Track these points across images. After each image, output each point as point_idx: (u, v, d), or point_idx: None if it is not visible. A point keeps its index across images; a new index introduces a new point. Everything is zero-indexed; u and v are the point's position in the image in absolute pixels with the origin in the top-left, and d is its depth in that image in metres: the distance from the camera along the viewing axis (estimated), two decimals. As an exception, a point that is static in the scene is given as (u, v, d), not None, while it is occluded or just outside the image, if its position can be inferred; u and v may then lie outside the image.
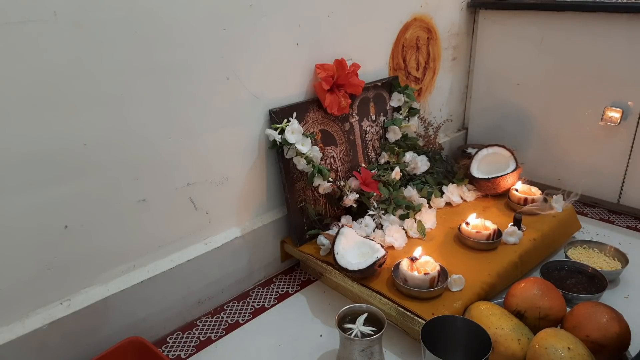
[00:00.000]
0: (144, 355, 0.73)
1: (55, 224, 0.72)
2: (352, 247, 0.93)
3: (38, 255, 0.71)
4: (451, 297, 0.84)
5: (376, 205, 1.05)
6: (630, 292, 0.95)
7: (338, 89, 1.03)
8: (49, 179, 0.69)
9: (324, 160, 1.04)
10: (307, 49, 0.99)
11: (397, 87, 1.20)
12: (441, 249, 0.99)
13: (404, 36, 1.23)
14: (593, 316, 0.73)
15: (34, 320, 0.72)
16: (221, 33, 0.84)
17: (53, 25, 0.64)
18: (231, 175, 0.93)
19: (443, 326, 0.73)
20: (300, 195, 1.01)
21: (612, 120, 1.18)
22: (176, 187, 0.85)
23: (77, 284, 0.77)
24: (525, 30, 1.30)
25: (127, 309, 0.82)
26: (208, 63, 0.83)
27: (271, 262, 1.05)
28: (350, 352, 0.73)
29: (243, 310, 0.95)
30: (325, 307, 0.94)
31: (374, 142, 1.18)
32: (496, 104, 1.44)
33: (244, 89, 0.90)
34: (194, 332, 0.90)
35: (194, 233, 0.91)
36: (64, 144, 0.70)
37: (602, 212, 1.27)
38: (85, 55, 0.68)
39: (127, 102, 0.75)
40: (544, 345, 0.68)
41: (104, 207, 0.76)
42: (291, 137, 0.93)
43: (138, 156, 0.78)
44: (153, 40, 0.75)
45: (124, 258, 0.82)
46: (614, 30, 1.14)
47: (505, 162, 1.18)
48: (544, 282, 0.82)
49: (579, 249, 1.05)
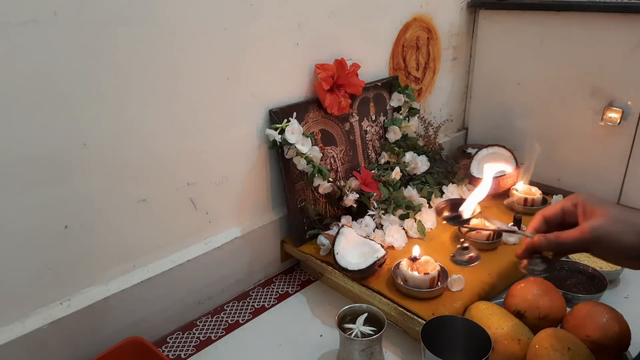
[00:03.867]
0: (144, 355, 0.73)
1: (55, 224, 0.72)
2: (352, 247, 0.93)
3: (38, 255, 0.71)
4: (451, 297, 0.84)
5: (376, 205, 1.05)
6: (630, 292, 0.95)
7: (338, 89, 1.03)
8: (49, 179, 0.69)
9: (324, 160, 1.04)
10: (307, 49, 0.99)
11: (397, 87, 1.19)
12: (441, 249, 0.98)
13: (404, 36, 1.23)
14: (593, 316, 0.73)
15: (34, 320, 0.72)
16: (221, 33, 0.84)
17: (53, 25, 0.64)
18: (231, 175, 0.93)
19: (443, 326, 0.73)
20: (300, 195, 1.01)
21: (612, 120, 1.18)
22: (176, 187, 0.85)
23: (77, 284, 0.77)
24: (525, 30, 1.30)
25: (127, 309, 0.82)
26: (208, 63, 0.83)
27: (271, 262, 1.05)
28: (350, 352, 0.73)
29: (243, 310, 0.95)
30: (325, 307, 0.94)
31: (374, 142, 1.18)
32: (496, 104, 1.44)
33: (243, 89, 0.90)
34: (194, 332, 0.90)
35: (194, 233, 0.91)
36: (64, 144, 0.69)
37: (602, 212, 1.27)
38: (85, 55, 0.68)
39: (127, 102, 0.75)
40: (544, 345, 0.68)
41: (104, 207, 0.76)
42: (291, 137, 0.93)
43: (138, 156, 0.78)
44: (153, 41, 0.75)
45: (124, 258, 0.82)
46: (613, 31, 1.14)
47: (505, 162, 1.18)
48: (544, 282, 0.82)
49: (579, 249, 1.05)
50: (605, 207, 0.54)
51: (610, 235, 0.52)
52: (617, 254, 0.53)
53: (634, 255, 0.52)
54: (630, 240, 0.51)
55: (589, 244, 0.54)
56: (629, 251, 0.51)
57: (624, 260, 0.54)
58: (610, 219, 0.52)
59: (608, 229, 0.52)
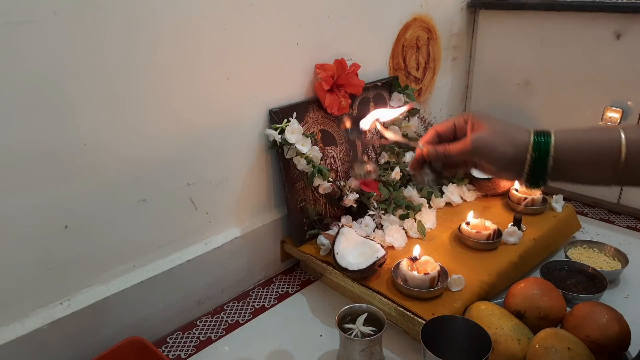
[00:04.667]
0: (144, 355, 0.73)
1: (55, 224, 0.72)
2: (352, 247, 0.93)
3: (38, 255, 0.71)
4: (451, 297, 0.84)
5: (376, 205, 1.05)
6: (630, 292, 0.95)
7: (338, 89, 1.03)
8: (49, 179, 0.69)
9: (324, 160, 1.04)
10: (307, 49, 0.99)
11: (397, 87, 1.19)
12: (441, 249, 0.99)
13: (404, 36, 1.23)
14: (593, 316, 0.73)
15: (34, 320, 0.72)
16: (221, 33, 0.84)
17: (53, 25, 0.64)
18: (231, 175, 0.93)
19: (443, 326, 0.73)
20: (300, 195, 1.01)
21: (612, 120, 1.18)
22: (176, 187, 0.85)
23: (77, 284, 0.77)
24: (525, 30, 1.30)
25: (127, 309, 0.82)
26: (208, 63, 0.83)
27: (271, 262, 1.05)
28: (350, 352, 0.73)
29: (243, 310, 0.95)
30: (325, 307, 0.94)
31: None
32: (496, 104, 1.44)
33: (243, 88, 0.90)
34: (194, 332, 0.90)
35: (194, 233, 0.91)
36: (64, 144, 0.69)
37: (602, 212, 1.27)
38: (85, 55, 0.68)
39: (127, 102, 0.75)
40: (544, 345, 0.68)
41: (104, 207, 0.76)
42: (291, 137, 0.93)
43: (138, 156, 0.78)
44: (153, 40, 0.75)
45: (124, 258, 0.82)
46: (613, 31, 1.14)
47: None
48: (544, 282, 0.82)
49: (579, 249, 1.05)
50: (490, 122, 0.58)
51: (489, 144, 0.56)
52: (494, 161, 0.57)
53: (508, 164, 0.56)
54: (506, 150, 0.55)
55: (471, 154, 0.58)
56: (504, 160, 0.56)
57: (501, 170, 0.58)
58: (491, 130, 0.57)
59: (487, 139, 0.57)
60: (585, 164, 0.55)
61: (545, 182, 0.56)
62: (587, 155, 0.55)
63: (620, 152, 0.53)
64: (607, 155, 0.54)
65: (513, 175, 0.57)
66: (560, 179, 0.56)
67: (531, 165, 0.55)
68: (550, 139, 0.55)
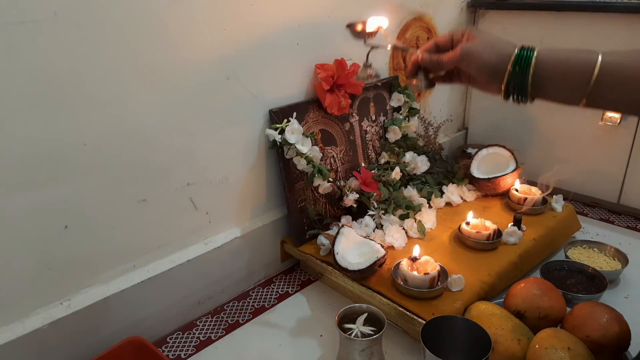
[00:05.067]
0: (144, 355, 0.73)
1: (55, 224, 0.72)
2: (352, 247, 0.93)
3: (38, 256, 0.71)
4: (451, 297, 0.84)
5: (376, 205, 1.05)
6: (630, 292, 0.95)
7: (338, 89, 1.03)
8: (49, 179, 0.69)
9: (324, 160, 1.04)
10: (307, 49, 0.99)
11: (397, 87, 1.19)
12: (441, 249, 0.98)
13: (404, 36, 1.23)
14: (593, 316, 0.73)
15: (34, 320, 0.72)
16: (221, 33, 0.84)
17: (53, 25, 0.64)
18: (231, 175, 0.93)
19: (443, 326, 0.73)
20: (300, 195, 1.01)
21: (612, 120, 1.18)
22: (176, 187, 0.85)
23: (77, 284, 0.77)
24: (525, 30, 1.30)
25: (127, 309, 0.82)
26: (208, 63, 0.83)
27: (271, 262, 1.05)
28: (350, 352, 0.73)
29: (243, 310, 0.95)
30: (325, 307, 0.94)
31: (374, 142, 1.18)
32: (496, 104, 1.43)
33: (243, 88, 0.90)
34: (194, 332, 0.90)
35: (194, 233, 0.91)
36: (64, 144, 0.69)
37: (602, 212, 1.27)
38: (86, 55, 0.68)
39: (127, 102, 0.75)
40: (544, 345, 0.68)
41: (104, 207, 0.76)
42: (291, 137, 0.93)
43: (138, 156, 0.78)
44: (153, 40, 0.75)
45: (124, 258, 0.82)
46: (613, 30, 1.14)
47: (505, 162, 1.18)
48: (544, 282, 0.82)
49: (579, 249, 1.05)
50: (482, 35, 0.61)
51: (475, 52, 0.60)
52: (479, 69, 0.60)
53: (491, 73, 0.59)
54: (490, 58, 0.59)
55: (459, 61, 0.62)
56: (487, 68, 0.59)
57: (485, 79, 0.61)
58: (480, 41, 0.60)
59: (475, 48, 0.60)
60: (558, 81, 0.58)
61: (525, 97, 0.59)
62: (561, 73, 0.57)
63: (592, 73, 0.55)
64: (579, 75, 0.56)
65: (497, 86, 0.60)
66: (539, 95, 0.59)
67: (511, 76, 0.57)
68: (533, 54, 0.57)
